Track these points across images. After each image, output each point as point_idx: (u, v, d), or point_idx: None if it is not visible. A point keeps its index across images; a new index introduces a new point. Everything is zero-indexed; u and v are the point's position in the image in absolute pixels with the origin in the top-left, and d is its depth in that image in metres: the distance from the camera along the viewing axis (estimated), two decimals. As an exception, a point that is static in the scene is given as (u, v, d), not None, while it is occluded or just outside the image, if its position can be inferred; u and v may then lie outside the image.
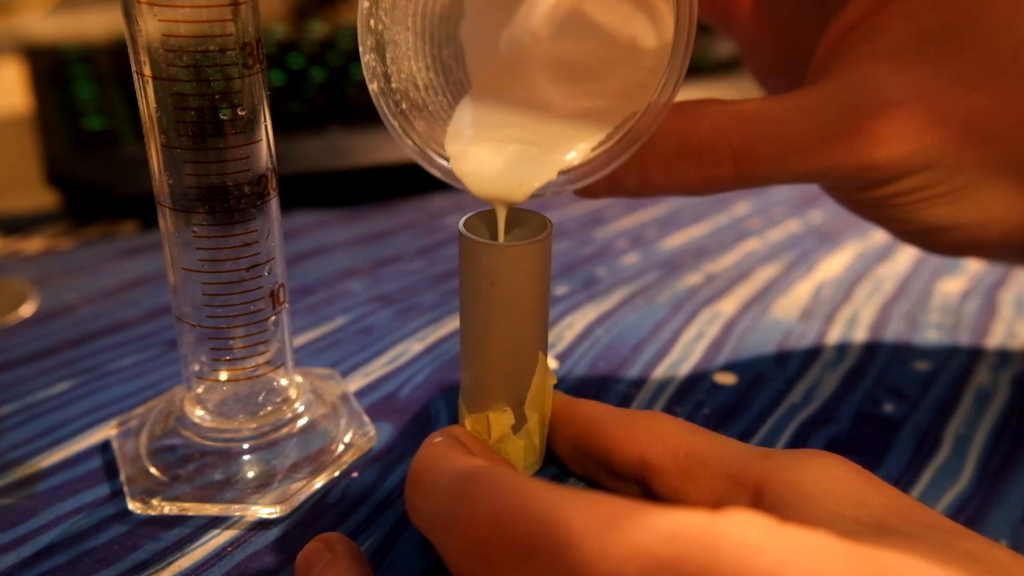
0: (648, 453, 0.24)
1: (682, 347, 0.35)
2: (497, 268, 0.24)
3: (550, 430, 0.27)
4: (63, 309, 0.37)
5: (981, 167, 0.27)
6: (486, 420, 0.26)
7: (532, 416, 0.26)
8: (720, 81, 0.58)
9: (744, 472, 0.22)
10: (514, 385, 0.26)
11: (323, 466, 0.27)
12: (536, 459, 0.27)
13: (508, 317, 0.25)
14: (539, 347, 0.26)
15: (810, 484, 0.21)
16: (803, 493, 0.20)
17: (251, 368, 0.26)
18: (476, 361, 0.26)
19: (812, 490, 0.20)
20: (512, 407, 0.26)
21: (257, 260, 0.25)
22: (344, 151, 0.49)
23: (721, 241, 0.45)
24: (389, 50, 0.26)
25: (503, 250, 0.24)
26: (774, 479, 0.21)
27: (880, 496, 0.20)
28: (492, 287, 0.24)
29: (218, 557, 0.24)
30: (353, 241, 0.44)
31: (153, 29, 0.22)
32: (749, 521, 0.16)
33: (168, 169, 0.24)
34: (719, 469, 0.23)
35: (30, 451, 0.28)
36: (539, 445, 0.27)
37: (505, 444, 0.26)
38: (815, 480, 0.21)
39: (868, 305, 0.38)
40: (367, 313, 0.37)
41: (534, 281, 0.25)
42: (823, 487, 0.20)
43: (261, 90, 0.24)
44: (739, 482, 0.22)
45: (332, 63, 0.55)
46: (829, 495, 0.20)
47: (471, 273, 0.25)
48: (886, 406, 0.31)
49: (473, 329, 0.25)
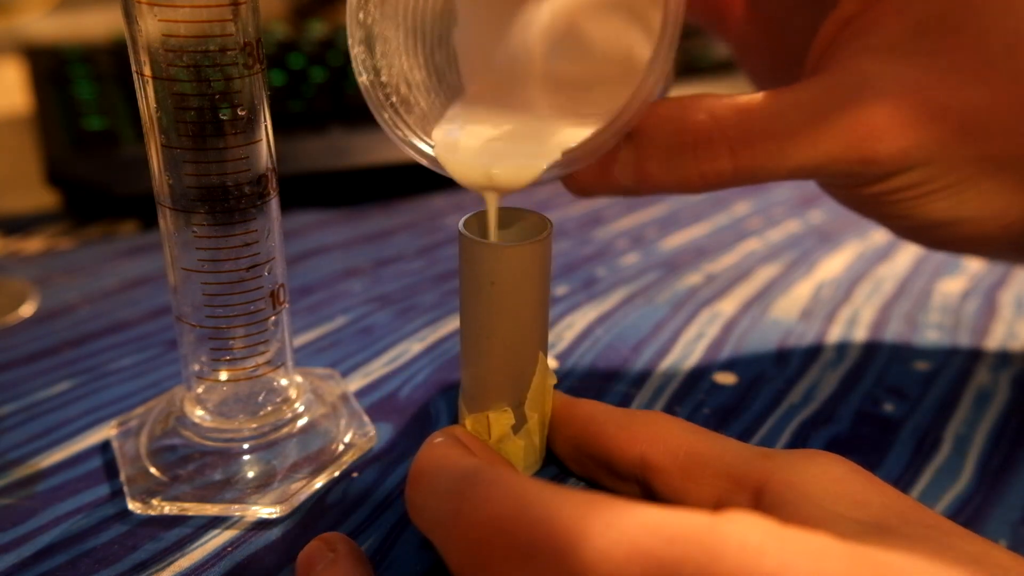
0: (648, 453, 0.24)
1: (682, 347, 0.35)
2: (497, 268, 0.24)
3: (550, 430, 0.27)
4: (63, 309, 0.37)
5: (980, 161, 0.26)
6: (486, 420, 0.26)
7: (532, 416, 0.26)
8: (718, 81, 0.58)
9: (745, 472, 0.22)
10: (514, 385, 0.26)
11: (323, 466, 0.27)
12: (536, 459, 0.27)
13: (508, 317, 0.25)
14: (539, 347, 0.26)
15: (811, 484, 0.21)
16: (803, 493, 0.20)
17: (251, 368, 0.26)
18: (476, 361, 0.26)
19: (812, 490, 0.20)
20: (512, 407, 0.26)
21: (257, 260, 0.25)
22: (344, 151, 0.49)
23: (721, 241, 0.45)
24: (379, 44, 0.26)
25: (503, 250, 0.24)
26: (775, 479, 0.21)
27: (880, 496, 0.20)
28: (492, 287, 0.24)
29: (218, 557, 0.24)
30: (353, 241, 0.44)
31: (153, 29, 0.22)
32: (750, 523, 0.16)
33: (168, 169, 0.24)
34: (719, 469, 0.23)
35: (30, 451, 0.28)
36: (539, 445, 0.27)
37: (505, 444, 0.26)
38: (815, 480, 0.21)
39: (868, 305, 0.38)
40: (367, 313, 0.37)
41: (534, 281, 0.25)
42: (823, 487, 0.20)
43: (261, 90, 0.24)
44: (740, 482, 0.22)
45: (332, 63, 0.55)
46: (829, 495, 0.20)
47: (471, 273, 0.25)
48: (886, 406, 0.31)
49: (473, 329, 0.25)
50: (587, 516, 0.17)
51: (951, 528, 0.19)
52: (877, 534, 0.19)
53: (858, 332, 0.36)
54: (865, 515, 0.19)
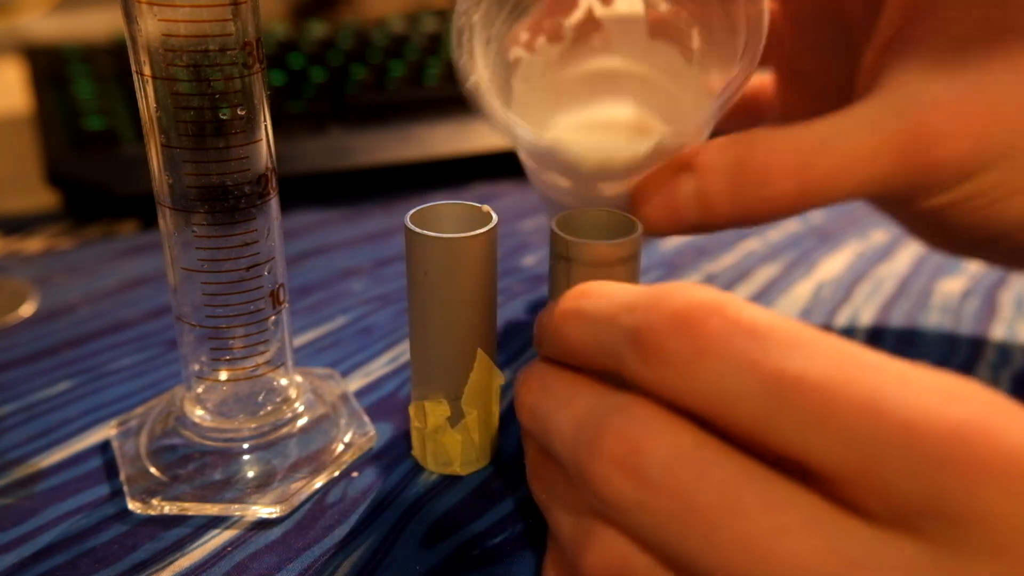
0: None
1: (682, 347, 0.35)
2: (430, 259, 0.24)
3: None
4: (63, 309, 0.37)
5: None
6: (423, 408, 0.27)
7: (471, 412, 0.27)
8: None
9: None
10: (452, 378, 0.26)
11: (323, 466, 0.27)
12: (476, 456, 0.28)
13: (441, 309, 0.25)
14: (479, 343, 0.26)
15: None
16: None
17: (251, 368, 0.26)
18: (415, 350, 0.26)
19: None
20: (449, 400, 0.26)
21: (257, 260, 0.25)
22: (344, 151, 0.49)
23: (721, 241, 0.45)
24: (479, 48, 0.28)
25: (436, 242, 0.24)
26: None
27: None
28: (425, 277, 0.25)
29: (218, 557, 0.24)
30: (353, 241, 0.44)
31: (153, 29, 0.22)
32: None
33: (168, 169, 0.24)
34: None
35: (30, 451, 0.28)
36: (479, 442, 0.27)
37: (441, 435, 0.27)
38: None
39: (868, 305, 0.38)
40: (367, 313, 0.37)
41: (469, 275, 0.25)
42: None
43: (261, 90, 0.24)
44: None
45: (332, 63, 0.55)
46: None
47: (410, 263, 0.25)
48: (886, 406, 0.31)
49: (412, 318, 0.26)
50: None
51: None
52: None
53: (858, 332, 0.36)
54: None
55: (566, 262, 0.24)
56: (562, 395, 0.21)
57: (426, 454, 0.28)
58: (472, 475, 0.28)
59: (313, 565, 0.24)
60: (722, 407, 0.17)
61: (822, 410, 0.16)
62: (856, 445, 0.15)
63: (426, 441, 0.27)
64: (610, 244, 0.24)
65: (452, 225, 0.26)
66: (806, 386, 0.16)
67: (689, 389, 0.17)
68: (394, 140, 0.50)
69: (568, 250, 0.24)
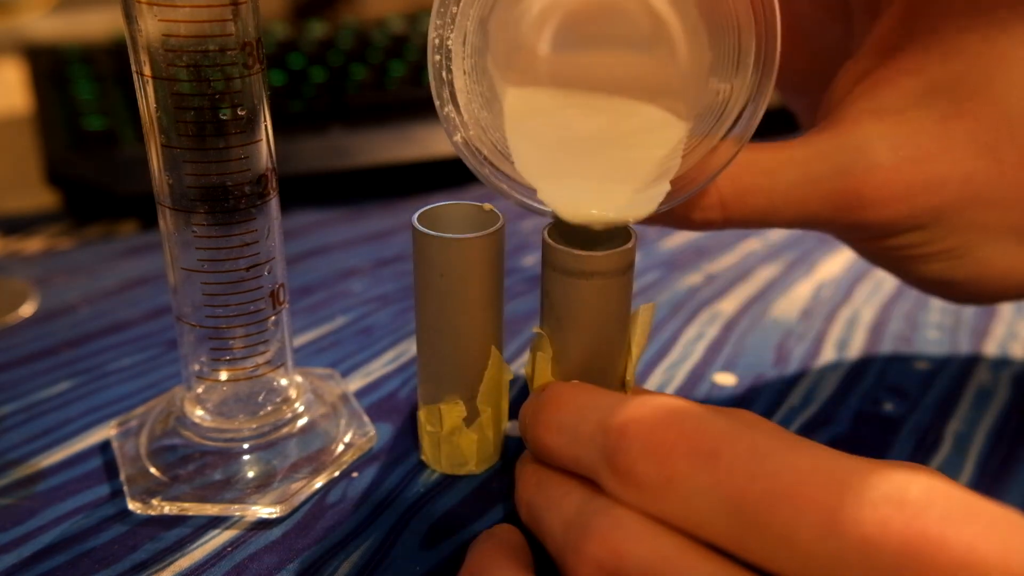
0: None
1: (682, 347, 0.35)
2: (446, 261, 0.24)
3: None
4: (63, 309, 0.37)
5: (980, 229, 0.26)
6: (438, 412, 0.26)
7: (485, 410, 0.27)
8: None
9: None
10: (466, 378, 0.26)
11: (323, 466, 0.27)
12: (491, 453, 0.28)
13: (458, 310, 0.25)
14: (491, 341, 0.26)
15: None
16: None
17: (251, 368, 0.26)
18: (428, 353, 0.26)
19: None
20: (464, 400, 0.26)
21: (257, 260, 0.25)
22: (344, 151, 0.49)
23: (721, 241, 0.45)
24: (461, 98, 0.25)
25: (452, 243, 0.24)
26: None
27: None
28: (441, 279, 0.25)
29: (218, 557, 0.24)
30: (353, 241, 0.44)
31: (153, 29, 0.22)
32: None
33: (168, 169, 0.24)
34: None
35: (30, 451, 0.28)
36: (493, 439, 0.27)
37: (457, 436, 0.27)
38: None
39: (868, 305, 0.38)
40: (367, 313, 0.37)
41: (483, 274, 0.25)
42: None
43: (261, 90, 0.24)
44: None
45: (332, 63, 0.55)
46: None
47: (422, 266, 0.25)
48: (886, 405, 0.31)
49: (425, 322, 0.26)
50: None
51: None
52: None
53: (858, 332, 0.36)
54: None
55: (560, 273, 0.24)
56: (553, 495, 0.22)
57: (441, 457, 0.27)
58: (472, 475, 0.28)
59: (313, 565, 0.24)
60: (695, 526, 0.18)
61: (784, 532, 0.17)
62: (819, 562, 0.17)
63: (441, 444, 0.27)
64: (606, 255, 0.24)
65: (459, 225, 0.26)
66: (766, 508, 0.17)
67: (662, 509, 0.19)
68: (394, 140, 0.50)
69: (559, 260, 0.24)
